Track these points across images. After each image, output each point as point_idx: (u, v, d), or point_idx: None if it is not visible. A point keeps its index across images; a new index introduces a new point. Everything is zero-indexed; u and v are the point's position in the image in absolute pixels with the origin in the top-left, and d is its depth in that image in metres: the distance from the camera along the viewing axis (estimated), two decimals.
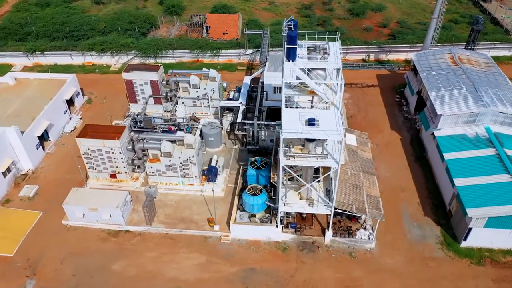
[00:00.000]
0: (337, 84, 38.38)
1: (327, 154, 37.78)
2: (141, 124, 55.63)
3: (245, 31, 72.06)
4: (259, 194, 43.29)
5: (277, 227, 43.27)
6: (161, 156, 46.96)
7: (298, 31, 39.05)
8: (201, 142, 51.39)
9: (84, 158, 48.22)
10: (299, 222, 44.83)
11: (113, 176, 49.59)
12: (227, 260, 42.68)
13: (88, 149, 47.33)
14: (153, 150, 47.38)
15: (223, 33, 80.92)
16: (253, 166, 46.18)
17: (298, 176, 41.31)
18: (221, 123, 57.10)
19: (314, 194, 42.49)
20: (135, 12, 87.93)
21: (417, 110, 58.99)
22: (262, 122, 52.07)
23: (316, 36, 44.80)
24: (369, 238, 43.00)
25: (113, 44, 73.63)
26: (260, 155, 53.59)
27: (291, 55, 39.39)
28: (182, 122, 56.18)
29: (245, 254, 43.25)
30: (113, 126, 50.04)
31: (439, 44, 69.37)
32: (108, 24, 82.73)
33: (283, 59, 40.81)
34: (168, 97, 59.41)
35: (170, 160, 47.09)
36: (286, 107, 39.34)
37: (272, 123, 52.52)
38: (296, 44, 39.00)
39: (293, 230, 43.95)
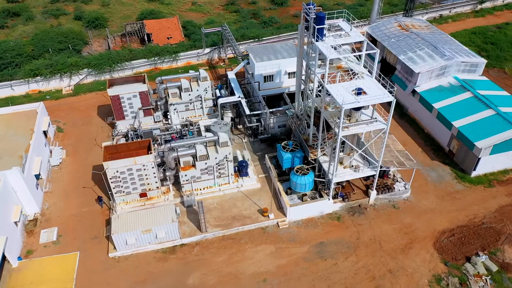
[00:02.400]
0: (375, 52, 42.09)
1: (376, 119, 41.66)
2: (141, 139, 53.12)
3: (203, 30, 71.80)
4: (307, 173, 45.35)
5: (329, 199, 45.92)
6: (196, 161, 45.76)
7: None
8: (231, 139, 51.20)
9: (112, 182, 44.50)
10: (341, 191, 48.04)
11: (143, 195, 46.68)
12: (294, 242, 44.05)
13: (117, 171, 43.88)
14: (185, 157, 45.93)
15: (167, 38, 79.19)
16: (286, 150, 47.85)
17: (341, 147, 44.51)
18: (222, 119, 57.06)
19: (354, 161, 46.12)
20: (60, 30, 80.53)
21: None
22: (273, 110, 53.74)
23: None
24: (405, 188, 48.23)
25: (61, 66, 67.00)
26: (271, 142, 55.48)
27: (321, 34, 42.13)
28: (183, 129, 55.06)
29: (307, 232, 45.08)
30: (133, 142, 46.77)
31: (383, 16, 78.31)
32: (36, 46, 74.70)
33: (299, 42, 43.26)
34: (158, 107, 57.21)
35: (206, 163, 46.21)
36: (329, 84, 41.95)
37: (280, 109, 54.62)
38: (324, 24, 41.85)
39: (341, 199, 47.04)
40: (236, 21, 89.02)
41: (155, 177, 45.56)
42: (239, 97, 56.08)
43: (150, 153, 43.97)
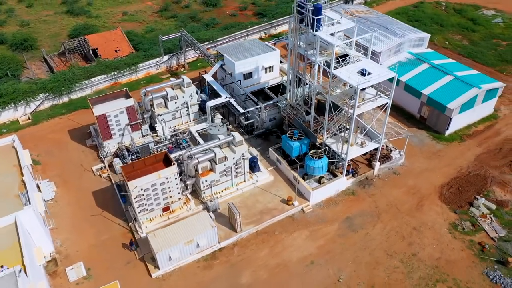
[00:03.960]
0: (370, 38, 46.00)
1: (380, 95, 45.71)
2: (138, 155, 51.38)
3: (161, 37, 70.14)
4: (322, 157, 48.00)
5: (344, 177, 49.14)
6: (215, 164, 45.70)
7: None
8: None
9: (136, 202, 42.56)
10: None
11: (165, 209, 45.32)
12: (324, 223, 46.50)
13: (141, 189, 42.09)
14: (204, 163, 45.61)
15: (116, 51, 75.84)
16: (293, 139, 49.92)
17: (346, 126, 47.97)
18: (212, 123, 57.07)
19: (358, 138, 49.92)
20: None
21: None
22: (265, 104, 55.25)
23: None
24: (400, 155, 53.37)
25: (12, 94, 60.71)
26: (265, 136, 57.09)
27: (319, 25, 44.80)
28: (178, 137, 54.27)
29: (331, 211, 47.82)
30: (148, 157, 44.83)
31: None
32: None
33: (295, 35, 45.73)
34: (145, 120, 55.36)
35: (224, 165, 46.38)
36: (335, 68, 44.75)
37: (271, 102, 56.33)
38: (321, 14, 44.59)
39: (352, 175, 50.57)
40: (176, 26, 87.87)
41: (177, 188, 44.57)
42: (226, 97, 56.57)
43: (173, 164, 42.91)
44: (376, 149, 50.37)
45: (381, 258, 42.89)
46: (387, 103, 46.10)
